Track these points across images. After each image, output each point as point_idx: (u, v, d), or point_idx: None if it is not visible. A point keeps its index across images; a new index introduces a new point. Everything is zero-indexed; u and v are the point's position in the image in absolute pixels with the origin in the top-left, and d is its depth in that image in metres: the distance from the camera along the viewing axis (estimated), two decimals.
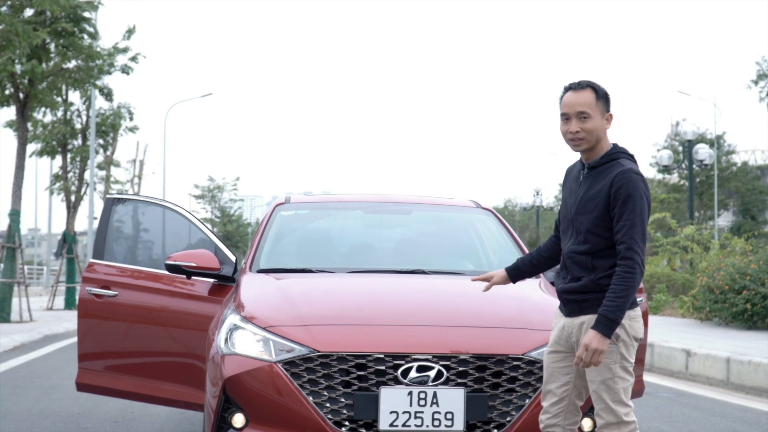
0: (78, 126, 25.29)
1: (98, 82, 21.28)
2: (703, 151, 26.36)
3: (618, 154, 4.41)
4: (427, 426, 4.78)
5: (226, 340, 5.10)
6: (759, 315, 14.77)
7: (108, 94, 23.02)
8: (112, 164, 29.78)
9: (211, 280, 6.15)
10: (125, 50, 21.25)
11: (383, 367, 4.80)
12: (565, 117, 4.42)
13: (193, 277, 6.14)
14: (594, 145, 4.40)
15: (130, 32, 21.58)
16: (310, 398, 4.80)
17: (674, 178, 47.56)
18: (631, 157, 4.47)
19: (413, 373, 4.81)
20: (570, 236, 4.47)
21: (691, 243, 22.57)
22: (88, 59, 18.66)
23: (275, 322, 5.03)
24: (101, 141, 26.75)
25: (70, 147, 25.24)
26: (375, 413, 4.78)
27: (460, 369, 4.84)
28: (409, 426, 4.77)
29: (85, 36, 18.68)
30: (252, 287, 5.62)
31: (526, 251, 6.39)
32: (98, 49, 19.07)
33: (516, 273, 4.88)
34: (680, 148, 37.61)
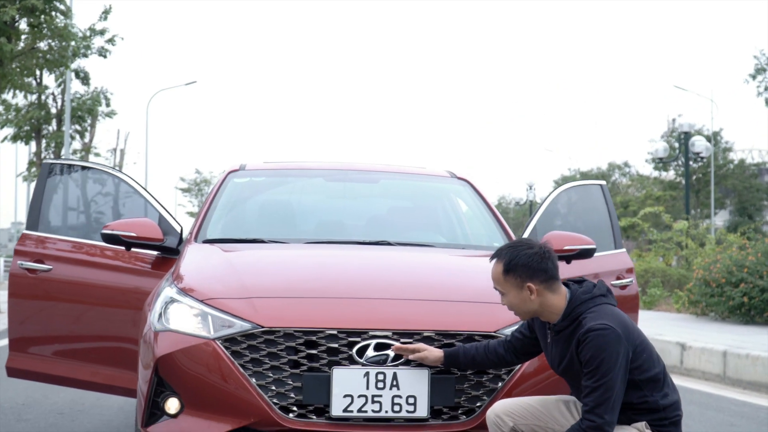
0: (53, 110, 24.57)
1: (74, 65, 20.64)
2: (699, 143, 25.81)
3: (579, 309, 3.95)
4: (386, 411, 4.18)
5: (160, 315, 4.49)
6: (757, 309, 14.18)
7: (84, 78, 22.36)
8: (91, 152, 29.00)
9: (154, 252, 5.55)
10: (102, 32, 20.62)
11: (336, 345, 4.20)
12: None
13: (133, 249, 5.53)
14: (539, 313, 4.01)
15: (106, 13, 20.96)
16: (253, 380, 4.20)
17: (671, 175, 46.96)
18: (599, 300, 3.98)
19: (370, 352, 4.21)
20: (576, 386, 4.09)
21: (685, 238, 21.95)
22: (62, 39, 17.97)
23: (215, 295, 4.43)
24: (77, 127, 25.93)
25: (44, 132, 24.52)
26: (327, 397, 4.17)
27: None
28: (365, 411, 4.18)
29: (57, 14, 17.98)
30: (194, 258, 5.02)
31: (505, 224, 5.80)
32: (73, 30, 18.38)
33: (453, 360, 4.23)
34: (677, 144, 37.06)
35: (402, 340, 4.23)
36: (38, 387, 8.47)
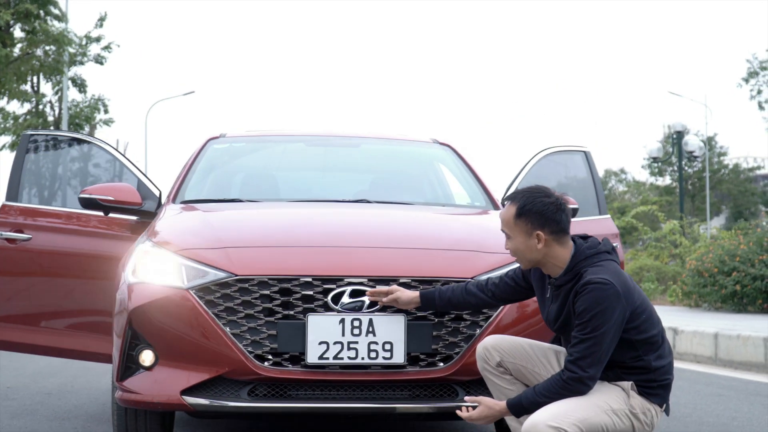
0: (50, 118, 24.53)
1: (71, 73, 20.67)
2: (692, 143, 25.92)
3: (582, 264, 3.87)
4: (363, 358, 4.15)
5: (134, 269, 4.47)
6: (749, 297, 14.14)
7: (81, 86, 22.33)
8: None
9: (134, 217, 5.52)
10: (98, 39, 20.63)
11: (311, 293, 4.17)
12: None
13: (112, 215, 5.51)
14: (542, 263, 3.93)
15: (102, 20, 20.98)
16: (227, 329, 4.17)
17: (666, 181, 46.97)
18: (604, 257, 3.91)
19: (346, 299, 4.17)
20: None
21: (679, 237, 21.90)
22: (58, 43, 17.92)
23: (189, 246, 4.40)
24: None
25: None
26: (302, 345, 4.14)
27: None
28: (341, 359, 4.14)
29: (52, 20, 17.98)
30: (170, 216, 5.01)
31: (488, 188, 5.77)
32: (69, 35, 18.34)
33: (428, 301, 4.17)
34: (672, 149, 37.05)
35: (377, 286, 4.20)
36: (28, 373, 8.48)
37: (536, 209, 3.89)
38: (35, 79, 21.95)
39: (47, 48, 18.37)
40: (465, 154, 6.07)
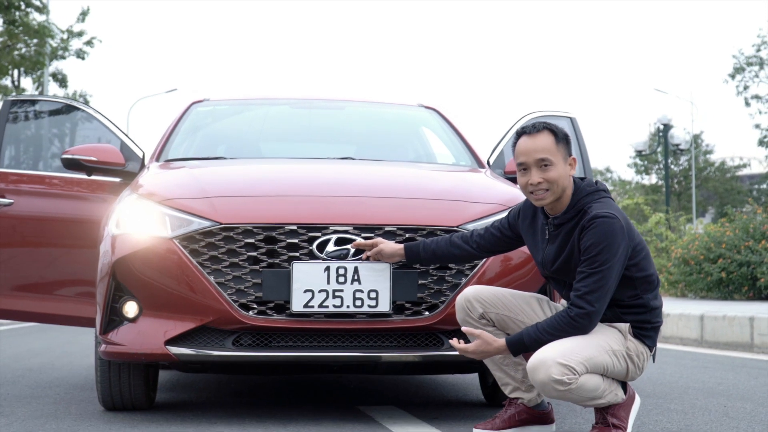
0: None
1: (52, 68, 20.59)
2: (678, 136, 26.09)
3: (584, 201, 3.84)
4: (348, 306, 4.13)
5: (118, 221, 4.43)
6: (735, 284, 14.16)
7: (62, 80, 22.24)
8: None
9: (117, 179, 5.47)
10: (80, 34, 20.55)
11: (296, 241, 4.15)
12: (523, 167, 3.87)
13: (95, 177, 5.46)
14: (560, 196, 3.85)
15: (84, 15, 20.90)
16: (212, 278, 4.14)
17: (652, 178, 47.08)
18: (603, 194, 3.88)
19: (331, 246, 4.15)
20: (567, 287, 3.94)
21: (665, 231, 21.91)
22: (39, 35, 17.80)
23: (173, 196, 4.38)
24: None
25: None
26: (287, 293, 4.12)
27: None
28: (326, 307, 4.12)
29: (32, 11, 17.88)
30: (154, 171, 4.97)
31: (476, 151, 5.74)
32: (51, 26, 18.22)
33: (413, 254, 4.13)
34: (659, 149, 37.15)
35: (363, 235, 4.18)
36: (8, 355, 8.44)
37: (565, 135, 3.88)
38: (15, 73, 21.83)
39: (28, 41, 18.23)
40: (451, 118, 6.05)
